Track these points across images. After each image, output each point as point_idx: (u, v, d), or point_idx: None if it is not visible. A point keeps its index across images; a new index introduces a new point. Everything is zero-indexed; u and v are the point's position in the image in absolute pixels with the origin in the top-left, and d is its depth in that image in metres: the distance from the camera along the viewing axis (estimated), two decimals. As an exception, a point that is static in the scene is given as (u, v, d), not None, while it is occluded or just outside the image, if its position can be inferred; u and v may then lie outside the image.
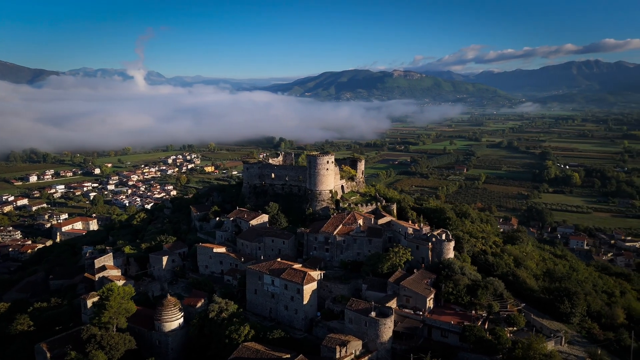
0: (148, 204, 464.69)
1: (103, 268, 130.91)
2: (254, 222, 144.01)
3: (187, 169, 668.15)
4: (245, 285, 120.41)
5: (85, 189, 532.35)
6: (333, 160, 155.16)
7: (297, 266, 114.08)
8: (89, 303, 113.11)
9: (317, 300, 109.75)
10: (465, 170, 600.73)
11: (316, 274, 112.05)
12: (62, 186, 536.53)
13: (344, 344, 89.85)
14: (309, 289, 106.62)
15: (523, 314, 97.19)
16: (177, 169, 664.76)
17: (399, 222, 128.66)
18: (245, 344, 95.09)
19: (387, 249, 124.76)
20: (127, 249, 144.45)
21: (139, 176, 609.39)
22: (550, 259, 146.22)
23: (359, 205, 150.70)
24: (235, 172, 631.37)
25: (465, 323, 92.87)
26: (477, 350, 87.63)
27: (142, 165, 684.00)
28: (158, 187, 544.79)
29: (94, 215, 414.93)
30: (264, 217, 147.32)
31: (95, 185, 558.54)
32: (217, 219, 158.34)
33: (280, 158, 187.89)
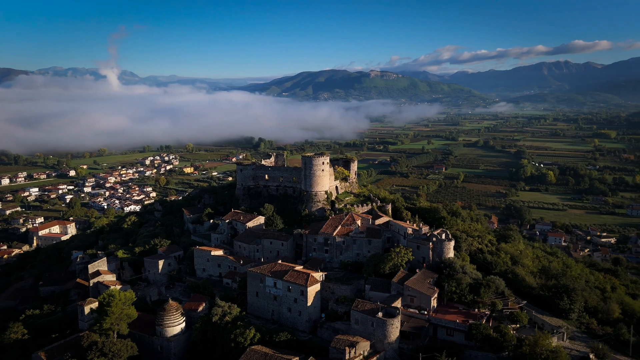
0: (127, 206, 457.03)
1: (97, 273, 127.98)
2: (250, 224, 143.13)
3: (165, 170, 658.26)
4: (246, 287, 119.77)
5: (60, 191, 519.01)
6: (328, 161, 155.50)
7: (298, 268, 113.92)
8: (87, 309, 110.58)
9: (320, 302, 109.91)
10: (444, 169, 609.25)
11: (318, 276, 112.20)
12: (36, 189, 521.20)
13: (352, 345, 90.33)
14: (312, 290, 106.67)
15: (525, 311, 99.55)
16: (155, 170, 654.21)
17: (398, 223, 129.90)
18: (253, 347, 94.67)
19: (386, 249, 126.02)
20: (120, 253, 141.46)
21: (116, 178, 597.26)
22: (544, 257, 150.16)
23: (355, 205, 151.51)
24: (215, 173, 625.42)
25: (470, 321, 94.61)
26: (483, 348, 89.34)
27: (119, 167, 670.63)
28: (137, 189, 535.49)
29: (72, 218, 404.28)
30: (260, 219, 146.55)
31: (71, 187, 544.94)
32: (211, 221, 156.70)
33: (272, 159, 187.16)
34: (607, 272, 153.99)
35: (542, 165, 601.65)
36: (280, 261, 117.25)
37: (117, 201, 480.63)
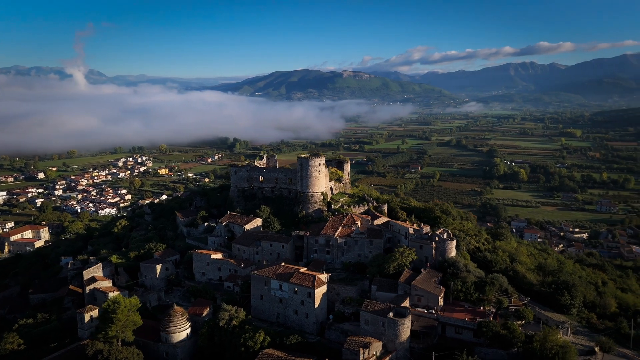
0: (102, 209, 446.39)
1: (92, 280, 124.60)
2: (248, 226, 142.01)
3: (139, 171, 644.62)
4: (248, 291, 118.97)
5: (30, 195, 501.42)
6: (324, 162, 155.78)
7: (303, 270, 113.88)
8: (87, 317, 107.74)
9: (326, 303, 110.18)
10: (419, 169, 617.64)
11: (324, 277, 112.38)
12: (4, 192, 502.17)
13: (366, 345, 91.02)
14: (319, 292, 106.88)
15: (529, 308, 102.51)
16: (128, 172, 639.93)
17: (398, 223, 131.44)
18: (265, 351, 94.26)
19: (387, 249, 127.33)
20: (114, 259, 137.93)
21: (88, 180, 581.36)
22: (538, 254, 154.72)
23: (352, 206, 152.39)
24: (191, 174, 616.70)
25: (477, 319, 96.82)
26: (493, 345, 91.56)
27: (90, 169, 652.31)
28: (111, 191, 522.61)
29: (44, 222, 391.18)
30: (258, 222, 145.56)
31: (41, 190, 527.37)
32: (206, 224, 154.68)
33: (264, 161, 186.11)
34: (595, 267, 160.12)
35: (513, 163, 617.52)
36: (284, 263, 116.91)
37: (90, 204, 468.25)
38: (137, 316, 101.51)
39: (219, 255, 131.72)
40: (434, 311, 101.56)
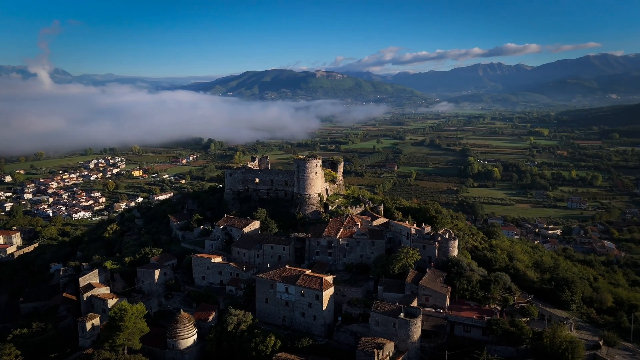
0: (76, 212, 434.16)
1: (89, 287, 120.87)
2: (247, 229, 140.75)
3: (112, 173, 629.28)
4: (252, 294, 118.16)
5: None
6: (320, 164, 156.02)
7: (308, 272, 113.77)
8: (88, 325, 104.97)
9: (333, 305, 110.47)
10: (396, 168, 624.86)
11: (330, 279, 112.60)
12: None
13: (380, 346, 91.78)
14: (327, 294, 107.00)
15: (533, 305, 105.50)
16: (101, 174, 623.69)
17: (398, 223, 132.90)
18: (279, 355, 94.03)
19: (387, 250, 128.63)
20: (108, 264, 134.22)
21: (58, 183, 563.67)
22: (533, 251, 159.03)
23: (349, 207, 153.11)
24: (167, 176, 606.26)
25: (485, 317, 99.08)
26: (502, 342, 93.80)
27: (60, 171, 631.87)
28: (84, 194, 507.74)
29: (15, 227, 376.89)
30: (256, 224, 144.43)
31: (9, 194, 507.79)
32: (201, 227, 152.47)
33: (256, 162, 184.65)
34: (583, 263, 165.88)
35: (486, 162, 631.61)
36: (288, 266, 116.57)
37: (63, 208, 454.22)
38: (143, 323, 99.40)
39: (219, 259, 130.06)
40: (441, 310, 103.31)
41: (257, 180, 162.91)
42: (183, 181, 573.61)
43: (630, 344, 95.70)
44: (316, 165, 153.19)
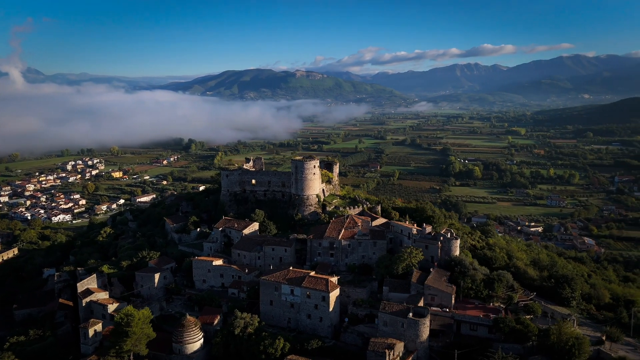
0: (55, 215, 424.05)
1: (88, 292, 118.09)
2: (246, 231, 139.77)
3: (91, 175, 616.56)
4: (255, 297, 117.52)
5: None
6: (318, 165, 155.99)
7: (312, 274, 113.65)
8: (91, 332, 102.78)
9: (339, 306, 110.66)
10: (379, 168, 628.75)
11: (335, 280, 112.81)
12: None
13: (390, 347, 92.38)
14: (333, 295, 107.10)
15: (536, 302, 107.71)
16: (79, 175, 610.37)
17: (399, 224, 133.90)
18: (289, 357, 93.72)
19: (389, 250, 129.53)
20: (105, 269, 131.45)
21: (35, 185, 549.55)
22: (529, 249, 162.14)
23: (347, 208, 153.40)
24: (148, 177, 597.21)
25: (491, 316, 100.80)
26: (509, 340, 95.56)
27: (37, 173, 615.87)
28: (62, 196, 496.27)
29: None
30: (255, 226, 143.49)
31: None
32: (198, 229, 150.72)
33: (251, 163, 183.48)
34: (574, 260, 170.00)
35: (467, 161, 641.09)
36: (291, 268, 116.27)
37: (41, 211, 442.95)
38: (150, 328, 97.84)
39: (220, 262, 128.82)
40: (447, 310, 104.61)
41: (254, 181, 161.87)
42: (165, 182, 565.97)
43: (631, 339, 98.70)
44: (314, 166, 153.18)
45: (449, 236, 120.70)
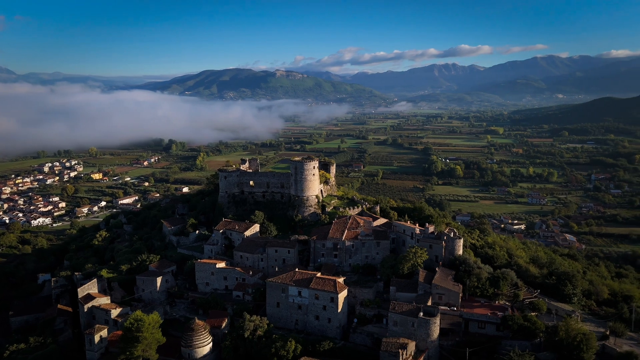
0: (35, 219, 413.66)
1: (89, 297, 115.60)
2: (247, 232, 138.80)
3: (70, 177, 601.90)
4: (261, 299, 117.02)
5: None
6: (317, 165, 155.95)
7: (318, 275, 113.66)
8: (97, 338, 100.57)
9: (347, 307, 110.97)
10: (362, 167, 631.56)
11: (342, 281, 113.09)
12: None
13: (403, 346, 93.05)
14: (342, 296, 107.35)
15: (540, 299, 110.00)
16: (57, 177, 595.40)
17: (402, 223, 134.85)
18: (303, 359, 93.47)
19: (391, 250, 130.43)
20: (104, 273, 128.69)
21: (12, 188, 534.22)
22: (527, 247, 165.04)
23: (347, 208, 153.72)
24: (129, 179, 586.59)
25: (499, 313, 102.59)
26: (517, 337, 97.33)
27: (12, 175, 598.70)
28: (41, 199, 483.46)
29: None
30: (256, 227, 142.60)
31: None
32: (197, 232, 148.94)
33: (247, 164, 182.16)
34: (567, 257, 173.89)
35: (448, 160, 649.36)
36: (297, 269, 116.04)
37: (20, 214, 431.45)
38: (159, 333, 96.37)
39: (223, 264, 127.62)
40: (455, 308, 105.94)
41: (252, 183, 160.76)
42: (147, 184, 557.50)
43: (634, 334, 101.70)
44: (314, 167, 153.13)
45: (452, 235, 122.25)
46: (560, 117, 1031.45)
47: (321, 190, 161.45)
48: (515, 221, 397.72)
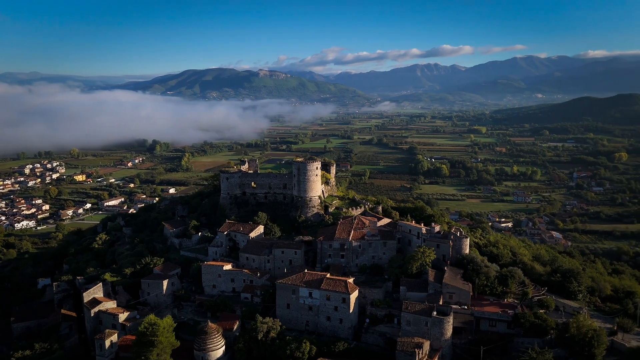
0: (18, 222, 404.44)
1: (95, 301, 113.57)
2: (252, 234, 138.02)
3: (52, 179, 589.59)
4: (270, 301, 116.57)
5: None
6: (320, 166, 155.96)
7: (328, 275, 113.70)
8: (107, 343, 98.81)
9: (358, 307, 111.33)
10: (349, 167, 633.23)
11: (352, 281, 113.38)
12: None
13: (419, 346, 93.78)
14: (353, 297, 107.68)
15: (548, 297, 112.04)
16: (39, 179, 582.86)
17: (408, 223, 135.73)
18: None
19: (397, 250, 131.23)
20: (107, 277, 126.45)
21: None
22: (527, 246, 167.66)
23: (350, 209, 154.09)
24: (113, 180, 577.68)
25: (510, 311, 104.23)
26: (528, 334, 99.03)
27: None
28: (23, 202, 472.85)
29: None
30: (261, 229, 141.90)
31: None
32: (200, 234, 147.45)
33: (247, 165, 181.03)
34: (565, 254, 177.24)
35: (433, 159, 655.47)
36: (306, 270, 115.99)
37: (2, 217, 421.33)
38: (173, 337, 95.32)
39: (230, 266, 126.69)
40: (466, 307, 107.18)
41: (254, 184, 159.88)
42: (132, 185, 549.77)
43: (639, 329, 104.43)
44: (317, 168, 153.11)
45: (458, 235, 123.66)
46: (541, 117, 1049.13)
47: (323, 190, 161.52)
48: (503, 219, 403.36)
